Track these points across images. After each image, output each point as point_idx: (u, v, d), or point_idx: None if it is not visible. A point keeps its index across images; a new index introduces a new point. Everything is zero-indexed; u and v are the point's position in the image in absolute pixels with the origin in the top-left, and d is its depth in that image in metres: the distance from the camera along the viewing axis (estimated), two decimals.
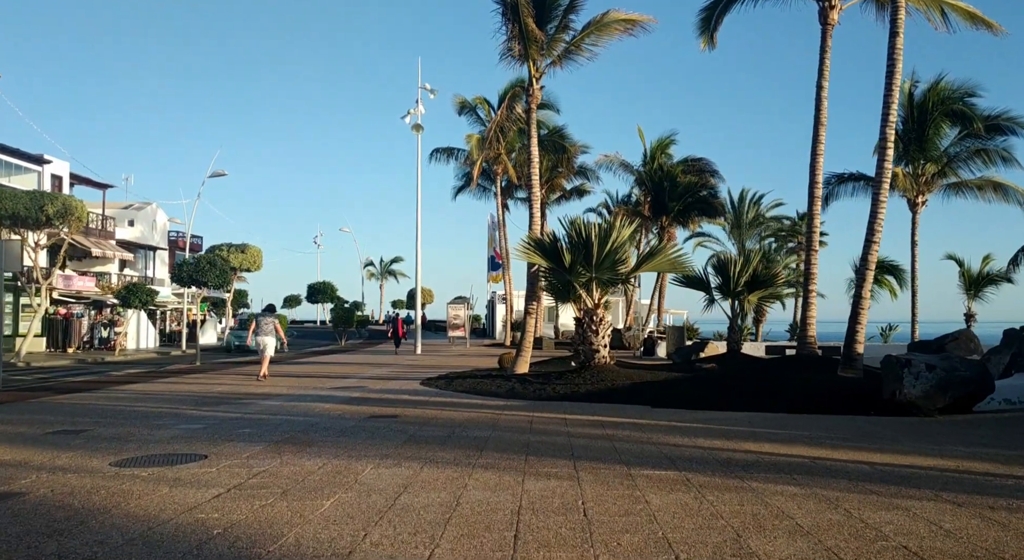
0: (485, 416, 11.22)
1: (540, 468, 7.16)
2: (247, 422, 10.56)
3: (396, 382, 17.41)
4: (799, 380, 13.74)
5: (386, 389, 15.69)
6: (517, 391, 14.39)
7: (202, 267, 26.51)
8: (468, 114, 41.45)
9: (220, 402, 13.32)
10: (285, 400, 13.58)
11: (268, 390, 15.49)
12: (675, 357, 22.39)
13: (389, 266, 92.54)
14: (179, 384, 17.36)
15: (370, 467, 7.22)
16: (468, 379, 16.93)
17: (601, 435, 9.32)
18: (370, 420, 10.78)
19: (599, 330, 15.65)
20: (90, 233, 42.65)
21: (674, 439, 8.99)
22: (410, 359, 28.19)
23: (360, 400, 13.54)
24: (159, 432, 9.61)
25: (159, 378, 19.43)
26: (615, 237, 15.43)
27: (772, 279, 19.40)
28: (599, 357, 15.60)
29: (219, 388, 16.17)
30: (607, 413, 11.50)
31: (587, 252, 15.48)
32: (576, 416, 11.14)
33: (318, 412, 11.73)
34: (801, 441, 8.92)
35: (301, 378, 18.80)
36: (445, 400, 13.53)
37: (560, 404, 12.75)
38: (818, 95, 18.83)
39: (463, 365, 23.64)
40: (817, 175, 18.82)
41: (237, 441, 8.85)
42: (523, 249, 16.15)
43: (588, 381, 14.64)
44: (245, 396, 14.32)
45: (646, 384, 14.32)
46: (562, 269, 15.87)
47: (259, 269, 47.37)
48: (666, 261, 15.73)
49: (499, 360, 19.76)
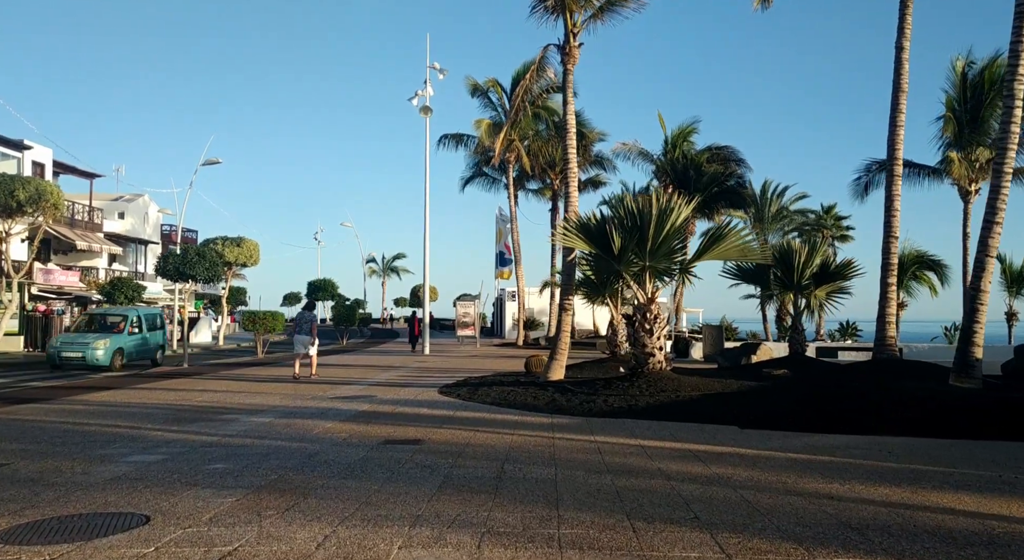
0: (535, 441, 8.63)
1: (665, 549, 4.57)
2: (223, 450, 7.98)
3: (409, 390, 14.82)
4: (908, 392, 11.16)
5: (399, 399, 13.10)
6: (560, 404, 11.81)
7: (190, 259, 23.90)
8: (480, 97, 38.84)
9: (197, 418, 10.73)
10: (277, 415, 11.00)
11: (258, 402, 12.90)
12: (720, 360, 19.82)
13: (392, 263, 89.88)
14: (157, 391, 14.78)
15: (398, 545, 4.63)
16: (494, 387, 14.34)
17: (709, 476, 6.73)
18: (386, 448, 8.19)
19: (654, 329, 13.05)
20: (75, 225, 40.13)
21: (819, 484, 6.40)
22: (419, 361, 25.59)
23: (369, 416, 10.94)
24: (99, 468, 7.03)
25: (137, 383, 16.85)
26: (674, 218, 12.84)
27: (844, 269, 16.80)
28: (654, 362, 13.02)
29: (201, 397, 13.59)
30: (691, 437, 8.91)
31: (640, 235, 12.89)
32: (655, 443, 8.55)
33: (317, 435, 9.14)
34: (1005, 489, 6.33)
35: (298, 384, 16.22)
36: (474, 415, 10.94)
37: (620, 423, 10.16)
38: (898, 57, 16.23)
39: (480, 368, 21.06)
40: (897, 150, 16.22)
41: (202, 486, 6.27)
42: (565, 232, 13.55)
43: (645, 391, 12.05)
44: (229, 409, 11.73)
45: (718, 396, 11.73)
46: (610, 256, 13.28)
47: (256, 264, 44.69)
48: (733, 247, 13.14)
49: (526, 364, 17.18)
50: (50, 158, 37.57)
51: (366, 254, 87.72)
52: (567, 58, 15.38)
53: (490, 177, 45.22)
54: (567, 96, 15.40)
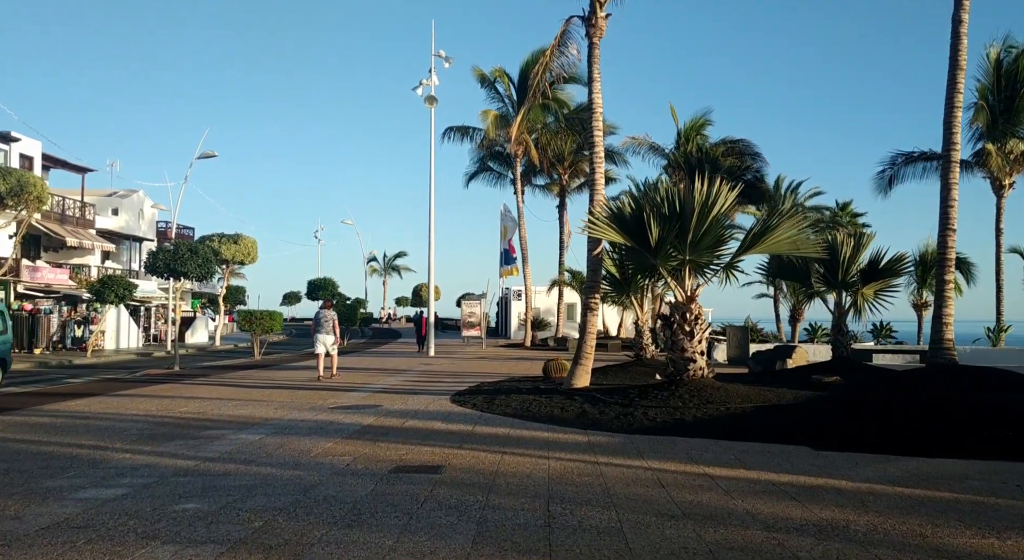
0: (577, 469, 7.15)
1: None
2: (199, 482, 6.50)
3: (417, 399, 13.34)
4: (1000, 406, 9.68)
5: (407, 410, 11.62)
6: (593, 417, 10.32)
7: (181, 255, 22.37)
8: (487, 88, 37.34)
9: (176, 434, 9.26)
10: (269, 430, 9.52)
11: (249, 413, 11.42)
12: (751, 364, 18.35)
13: (393, 261, 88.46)
14: (138, 399, 13.31)
15: None
16: (513, 395, 12.86)
17: (818, 524, 5.24)
18: (398, 478, 6.71)
19: (695, 331, 11.56)
20: (66, 221, 38.61)
21: (969, 538, 4.89)
22: (425, 363, 24.10)
23: (376, 431, 9.46)
24: (37, 510, 5.55)
25: (121, 389, 15.38)
26: (720, 205, 11.35)
27: (895, 264, 15.28)
28: (695, 368, 11.53)
29: (186, 407, 12.12)
30: (762, 463, 7.43)
31: (681, 225, 11.39)
32: (723, 471, 7.06)
33: (315, 458, 7.66)
34: None
35: (295, 390, 14.75)
36: (497, 431, 9.46)
37: (670, 442, 8.67)
38: (955, 31, 14.75)
39: (491, 372, 19.58)
40: (954, 134, 14.72)
41: (163, 540, 4.79)
42: (594, 222, 12.05)
43: (689, 402, 10.56)
44: (215, 422, 10.26)
45: (774, 409, 10.24)
46: (645, 249, 11.79)
47: (254, 261, 43.26)
48: (784, 240, 11.64)
49: (545, 368, 15.69)
50: (39, 151, 36.06)
51: (367, 252, 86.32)
52: (592, 30, 13.88)
53: (495, 172, 43.76)
54: (592, 73, 13.92)
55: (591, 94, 14.01)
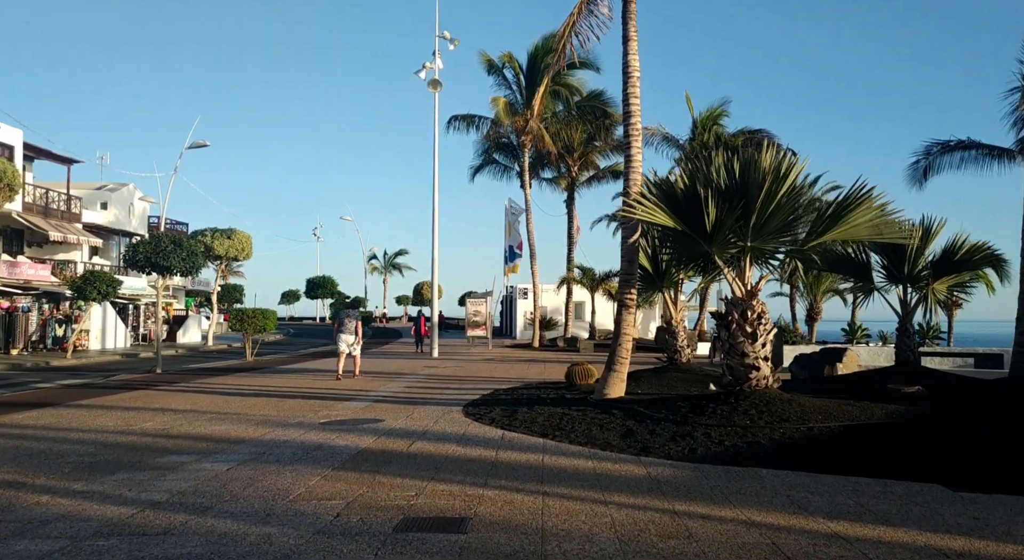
0: (652, 523, 5.21)
1: None
2: (122, 550, 4.57)
3: (424, 411, 11.40)
4: None
5: (414, 429, 9.67)
6: (642, 438, 8.39)
7: (164, 248, 20.40)
8: (495, 75, 35.37)
9: (123, 463, 7.33)
10: (241, 458, 7.59)
11: (223, 430, 9.49)
12: (795, 369, 16.40)
13: (394, 259, 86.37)
14: (99, 410, 11.38)
15: None
16: (537, 407, 10.94)
17: None
18: (408, 542, 4.77)
19: (758, 332, 9.62)
20: (50, 214, 36.69)
21: None
22: (428, 365, 22.15)
23: (376, 459, 7.53)
24: None
25: (85, 397, 13.46)
26: (793, 179, 9.42)
27: (976, 254, 13.33)
28: (758, 376, 9.59)
29: (151, 421, 10.19)
30: (896, 512, 5.49)
31: (745, 206, 9.45)
32: (857, 529, 5.11)
33: (292, 505, 5.73)
34: None
35: (283, 399, 12.82)
36: (529, 460, 7.53)
37: (753, 474, 6.73)
38: None
39: (503, 376, 17.66)
40: None
41: None
42: (641, 202, 10.09)
43: (759, 420, 8.63)
44: (178, 445, 8.32)
45: (866, 430, 8.30)
46: (698, 234, 9.84)
47: (248, 257, 41.24)
48: (864, 223, 9.71)
49: (568, 374, 13.74)
50: (20, 140, 34.08)
51: (367, 250, 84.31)
52: None
53: (501, 165, 41.74)
54: (628, 31, 11.97)
55: (627, 56, 12.05)
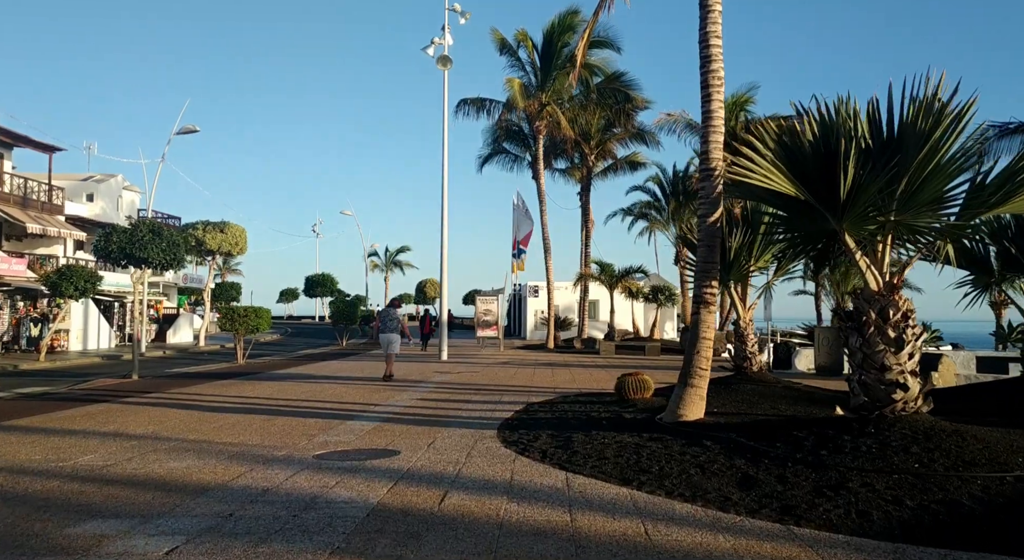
0: None
1: None
2: None
3: (448, 434, 8.90)
4: None
5: (441, 471, 7.17)
6: (769, 488, 5.91)
7: (140, 237, 17.92)
8: (508, 56, 32.87)
9: (13, 536, 4.85)
10: (191, 529, 5.09)
11: (188, 467, 7.00)
12: None
13: (395, 256, 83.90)
14: (34, 434, 8.90)
15: None
16: (594, 432, 8.46)
17: None
18: None
19: (903, 338, 7.13)
20: (29, 205, 34.22)
21: None
22: (439, 370, 19.63)
23: (396, 527, 5.03)
24: None
25: (29, 413, 10.99)
26: (953, 137, 6.91)
27: None
28: (905, 398, 7.10)
29: (91, 455, 7.71)
30: None
31: (899, 165, 6.95)
32: None
33: None
34: None
35: (271, 417, 10.32)
36: (626, 530, 5.04)
37: None
38: None
39: (528, 385, 15.18)
40: None
41: None
42: (753, 160, 7.59)
43: (930, 463, 6.13)
44: (112, 497, 5.85)
45: None
46: (824, 204, 7.34)
47: (243, 252, 38.81)
48: None
49: (620, 386, 11.21)
50: None
51: (368, 247, 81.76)
52: None
53: (511, 155, 39.18)
54: None
55: None
